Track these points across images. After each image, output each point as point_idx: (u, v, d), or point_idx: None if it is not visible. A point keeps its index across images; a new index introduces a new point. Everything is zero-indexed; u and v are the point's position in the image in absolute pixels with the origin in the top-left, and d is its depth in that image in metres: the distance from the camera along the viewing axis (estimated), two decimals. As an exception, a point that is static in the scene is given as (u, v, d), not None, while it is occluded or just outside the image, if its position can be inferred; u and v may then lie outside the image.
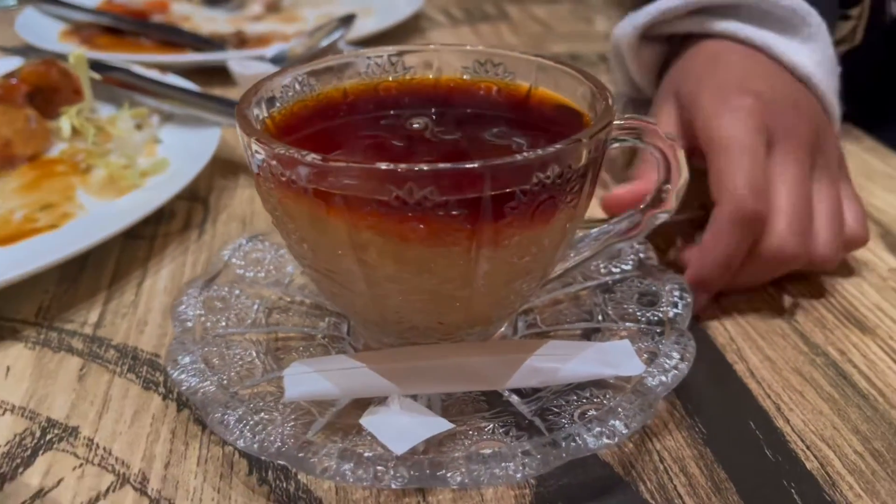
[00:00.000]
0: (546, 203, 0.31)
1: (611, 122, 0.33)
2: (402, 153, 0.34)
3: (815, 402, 0.37)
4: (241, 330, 0.39)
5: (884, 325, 0.42)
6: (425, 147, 0.35)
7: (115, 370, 0.40)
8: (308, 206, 0.31)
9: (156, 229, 0.52)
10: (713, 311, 0.43)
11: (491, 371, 0.35)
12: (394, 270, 0.31)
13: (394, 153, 0.34)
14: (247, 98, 0.35)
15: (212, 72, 0.77)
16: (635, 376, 0.35)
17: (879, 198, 0.55)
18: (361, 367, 0.34)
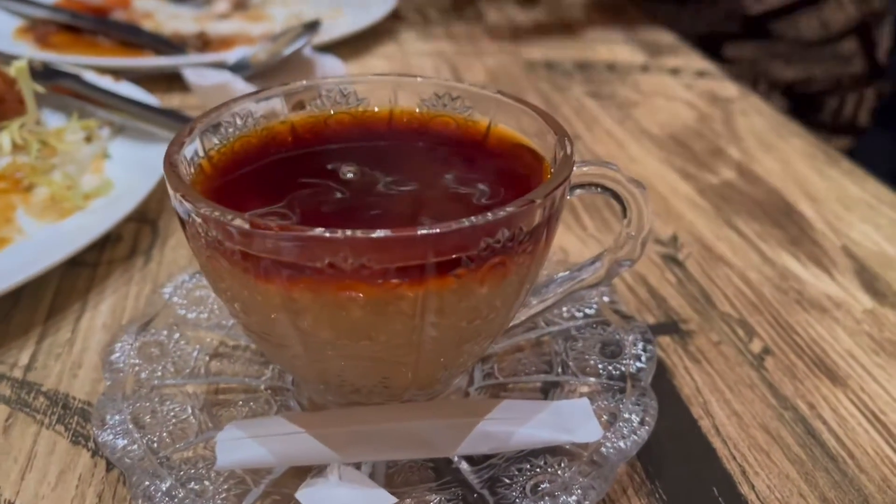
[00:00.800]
0: (497, 266, 0.29)
1: (569, 177, 0.31)
2: (342, 208, 0.32)
3: (782, 464, 0.35)
4: (177, 381, 0.37)
5: (855, 375, 0.41)
6: (369, 199, 0.32)
7: (44, 421, 0.37)
8: (238, 268, 0.28)
9: (100, 255, 0.50)
10: (680, 356, 0.41)
11: (440, 436, 0.32)
12: (332, 337, 0.29)
13: (334, 207, 0.32)
14: (178, 139, 0.33)
15: (172, 77, 0.74)
16: (593, 442, 0.33)
17: (856, 229, 0.53)
18: (300, 433, 0.32)
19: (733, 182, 0.59)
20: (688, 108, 0.72)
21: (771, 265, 0.49)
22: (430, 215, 0.31)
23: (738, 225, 0.54)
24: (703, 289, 0.47)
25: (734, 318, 0.45)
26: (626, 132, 0.67)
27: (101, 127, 0.60)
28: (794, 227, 0.53)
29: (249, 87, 0.65)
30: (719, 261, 0.50)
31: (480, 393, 0.37)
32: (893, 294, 0.47)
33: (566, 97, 0.74)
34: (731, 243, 0.52)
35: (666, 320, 0.44)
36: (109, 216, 0.49)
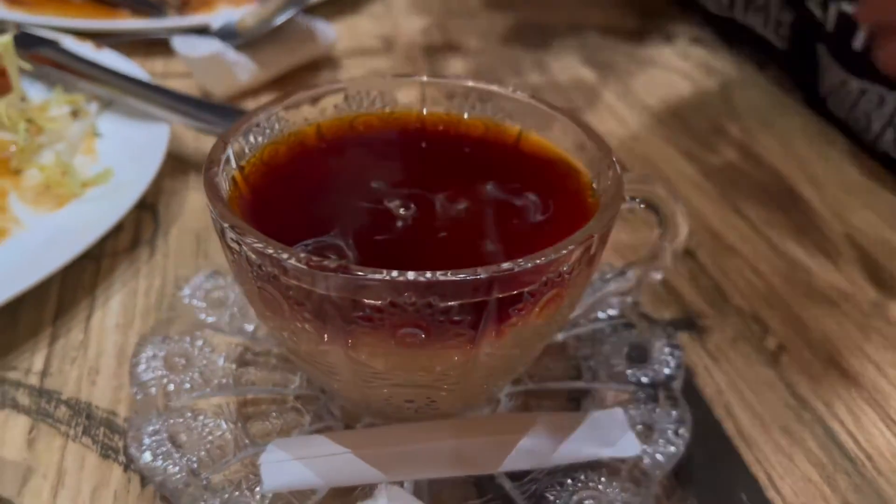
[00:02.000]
0: (553, 297, 0.29)
1: (620, 199, 0.31)
2: (395, 237, 0.31)
3: (804, 468, 0.37)
4: (207, 393, 0.36)
5: (867, 373, 0.42)
6: (419, 221, 0.31)
7: (69, 433, 0.37)
8: (291, 303, 0.28)
9: (101, 246, 0.48)
10: (700, 355, 0.42)
11: (482, 453, 0.33)
12: (386, 368, 0.29)
13: (386, 235, 0.31)
14: (215, 157, 0.31)
15: (152, 41, 0.70)
16: (631, 457, 0.33)
17: (858, 216, 0.54)
18: (345, 453, 0.32)
19: (736, 164, 0.59)
20: (685, 79, 0.72)
21: (779, 255, 0.50)
22: (487, 244, 0.30)
23: (745, 211, 0.54)
24: (715, 282, 0.48)
25: (748, 312, 0.45)
26: (627, 107, 0.67)
27: (87, 101, 0.57)
28: (798, 213, 0.54)
29: (241, 57, 0.63)
30: (729, 250, 0.50)
31: (511, 399, 0.38)
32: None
33: (562, 65, 0.73)
34: (740, 231, 0.52)
35: (682, 315, 0.45)
36: (111, 207, 0.47)
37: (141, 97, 0.54)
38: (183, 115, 0.53)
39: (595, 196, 0.33)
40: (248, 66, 0.63)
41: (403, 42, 0.77)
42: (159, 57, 0.70)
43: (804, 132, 0.64)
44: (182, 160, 0.56)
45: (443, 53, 0.75)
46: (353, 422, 0.36)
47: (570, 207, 0.33)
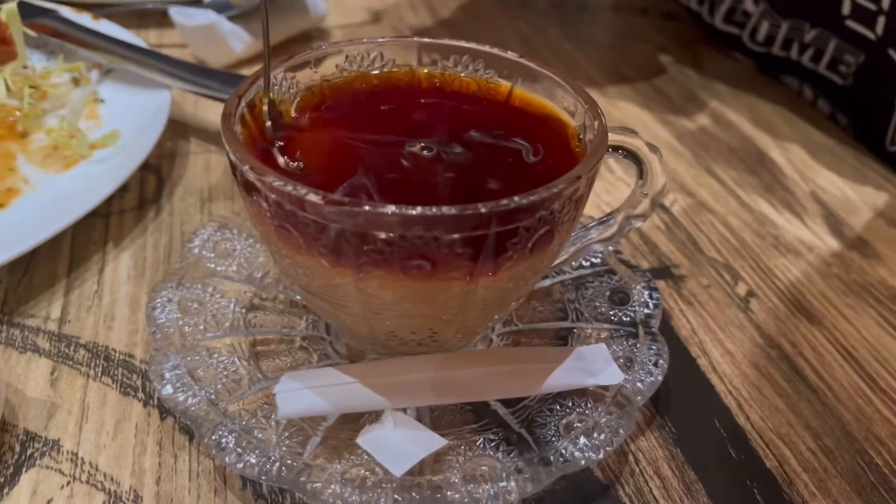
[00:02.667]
0: (545, 234, 0.31)
1: (605, 146, 0.34)
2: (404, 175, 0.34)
3: (772, 397, 0.40)
4: (219, 335, 0.39)
5: (829, 315, 0.45)
6: (426, 165, 0.34)
7: (89, 373, 0.39)
8: (307, 238, 0.30)
9: (108, 205, 0.50)
10: (676, 300, 0.45)
11: (478, 383, 0.36)
12: (394, 299, 0.32)
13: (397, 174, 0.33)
14: (230, 109, 0.34)
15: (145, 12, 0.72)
16: (615, 385, 0.36)
17: (823, 176, 0.58)
18: (353, 383, 0.35)
19: (708, 129, 0.63)
20: (660, 50, 0.75)
21: (749, 211, 0.53)
22: (486, 185, 0.33)
23: (717, 171, 0.57)
24: (690, 234, 0.51)
25: (720, 262, 0.49)
26: (604, 76, 0.70)
27: (89, 69, 0.59)
28: (767, 174, 0.57)
29: (235, 28, 0.65)
30: (702, 207, 0.54)
31: (502, 339, 0.41)
32: (857, 238, 0.52)
33: (544, 39, 0.76)
34: (712, 190, 0.55)
35: (659, 265, 0.48)
36: (118, 167, 0.49)
37: (142, 64, 0.56)
38: (184, 80, 0.55)
39: (581, 146, 0.36)
40: (242, 37, 0.65)
41: (390, 15, 0.79)
42: (153, 28, 0.72)
43: (773, 100, 0.67)
44: (182, 125, 0.58)
45: (428, 27, 0.77)
46: (358, 359, 0.39)
47: (559, 155, 0.35)
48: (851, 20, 0.57)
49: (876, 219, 0.53)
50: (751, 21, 0.66)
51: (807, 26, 0.62)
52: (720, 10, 0.69)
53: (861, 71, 0.60)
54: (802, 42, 0.63)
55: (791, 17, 0.63)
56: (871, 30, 0.56)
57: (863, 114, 0.61)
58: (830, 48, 0.60)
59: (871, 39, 0.57)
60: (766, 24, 0.65)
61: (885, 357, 0.43)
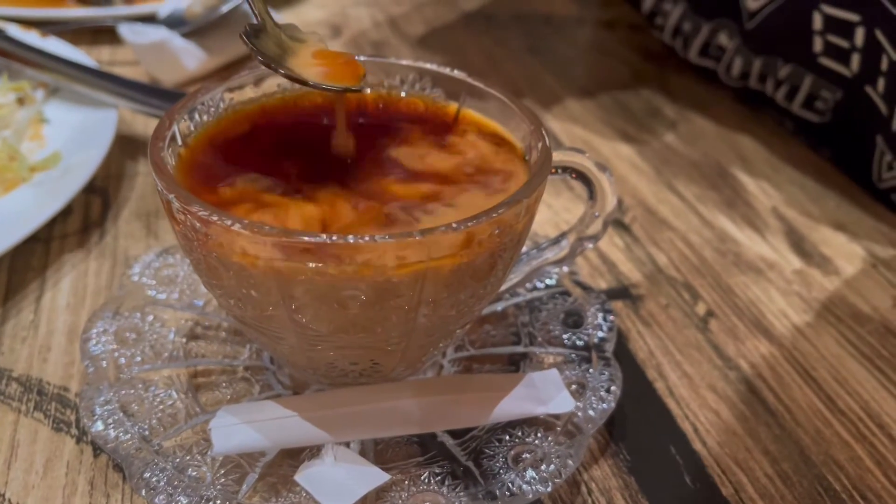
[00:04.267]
0: (486, 259, 0.30)
1: (548, 169, 0.33)
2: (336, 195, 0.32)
3: (729, 421, 0.39)
4: (157, 366, 0.37)
5: (788, 334, 0.45)
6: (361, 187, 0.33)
7: (21, 408, 0.37)
8: (236, 268, 0.29)
9: (51, 229, 0.49)
10: (633, 321, 0.44)
11: (424, 414, 0.34)
12: (330, 330, 0.30)
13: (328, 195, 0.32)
14: (160, 133, 0.32)
15: (98, 29, 0.71)
16: (566, 413, 0.35)
17: (785, 190, 0.57)
18: (292, 416, 0.33)
19: (670, 144, 0.62)
20: (623, 64, 0.74)
21: (710, 227, 0.53)
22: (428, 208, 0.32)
23: (678, 187, 0.57)
24: (649, 253, 0.50)
25: (679, 281, 0.48)
26: (567, 90, 0.69)
27: (33, 88, 0.58)
28: (728, 189, 0.57)
29: (188, 44, 0.63)
30: (662, 224, 0.53)
31: (454, 365, 0.39)
32: (818, 254, 0.51)
33: (507, 52, 0.75)
34: (672, 206, 0.55)
35: (617, 285, 0.47)
36: (60, 190, 0.47)
37: (88, 84, 0.55)
38: (130, 100, 0.53)
39: (528, 167, 0.35)
40: (195, 54, 0.63)
41: (350, 30, 0.78)
42: (106, 45, 0.70)
43: (736, 114, 0.66)
44: (131, 144, 0.57)
45: (389, 42, 0.76)
46: (301, 390, 0.37)
47: (504, 178, 0.34)
48: (825, 57, 0.56)
49: (836, 234, 0.53)
50: (725, 56, 0.65)
51: (780, 62, 0.61)
52: (693, 45, 0.68)
53: (839, 107, 0.58)
54: (777, 78, 0.62)
55: (764, 53, 0.63)
56: (845, 66, 0.55)
57: (845, 149, 0.60)
58: (806, 84, 0.59)
59: (847, 76, 0.56)
60: (740, 60, 0.64)
61: (844, 377, 0.42)
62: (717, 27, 0.65)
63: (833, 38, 0.55)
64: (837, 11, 0.53)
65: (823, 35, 0.55)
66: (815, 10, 0.54)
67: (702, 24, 0.66)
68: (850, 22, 0.53)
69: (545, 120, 0.64)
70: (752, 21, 0.60)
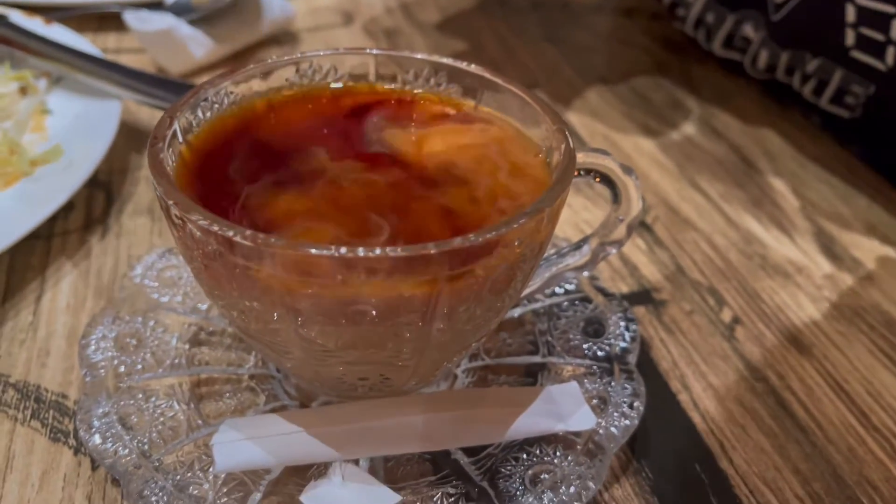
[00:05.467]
0: (505, 273, 0.28)
1: (572, 173, 0.31)
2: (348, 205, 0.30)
3: (757, 437, 0.37)
4: (159, 374, 0.36)
5: (819, 343, 0.42)
6: (372, 195, 0.31)
7: (17, 416, 0.36)
8: (238, 279, 0.27)
9: (52, 226, 0.47)
10: (656, 328, 0.43)
11: (437, 430, 0.33)
12: (338, 346, 0.29)
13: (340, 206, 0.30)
14: (160, 133, 0.31)
15: (103, 14, 0.69)
16: (586, 430, 0.34)
17: (813, 189, 0.55)
18: (298, 432, 0.32)
19: (694, 138, 0.60)
20: (644, 53, 0.72)
21: (735, 228, 0.51)
22: (439, 218, 0.30)
23: (702, 185, 0.54)
24: (672, 255, 0.48)
25: (704, 286, 0.46)
26: (586, 81, 0.67)
27: (36, 77, 0.56)
28: (754, 187, 0.55)
29: (195, 32, 0.61)
30: (686, 224, 0.51)
31: (468, 375, 0.38)
32: (849, 258, 0.49)
33: (524, 41, 0.73)
34: (696, 205, 0.52)
35: (639, 289, 0.45)
36: (62, 185, 0.46)
37: (91, 73, 0.53)
38: (134, 91, 0.52)
39: (550, 169, 0.33)
40: (203, 42, 0.61)
41: (363, 16, 0.76)
42: (112, 32, 0.68)
43: (761, 107, 0.64)
44: (136, 137, 0.55)
45: (402, 30, 0.74)
46: (309, 401, 0.36)
47: (526, 181, 0.33)
48: (857, 51, 0.53)
49: (869, 236, 0.51)
50: (751, 48, 0.63)
51: (808, 56, 0.59)
52: (717, 36, 0.65)
53: (871, 102, 0.56)
54: (804, 72, 0.59)
55: (791, 47, 0.60)
56: (880, 60, 0.52)
57: (877, 146, 0.57)
58: (836, 78, 0.56)
59: (882, 70, 0.53)
60: (766, 52, 0.61)
61: (878, 390, 0.40)
62: (742, 18, 0.63)
63: (867, 31, 0.52)
64: (872, 3, 0.51)
65: (856, 27, 0.52)
66: (848, 1, 0.52)
67: (726, 14, 0.64)
68: (886, 14, 0.50)
69: (563, 114, 0.62)
70: (778, 13, 0.57)
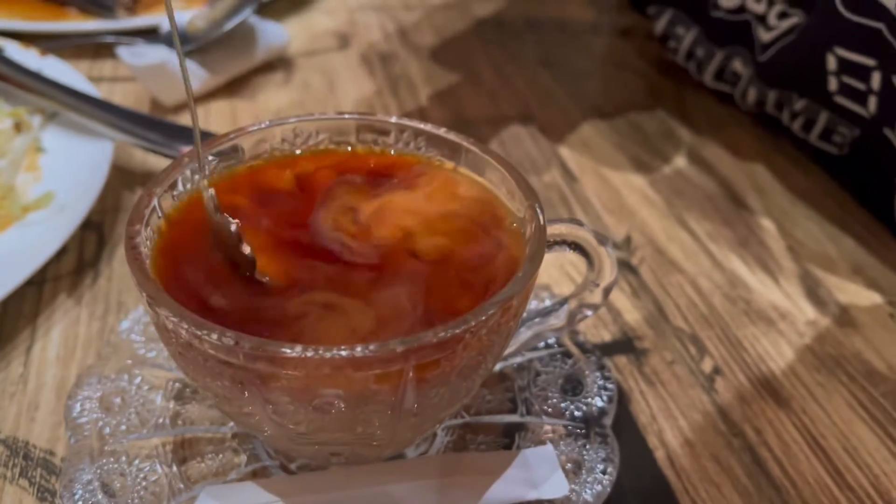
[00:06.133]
0: (475, 356, 0.29)
1: (542, 255, 0.31)
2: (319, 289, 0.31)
3: (731, 497, 0.38)
4: (143, 435, 0.37)
5: (798, 395, 0.43)
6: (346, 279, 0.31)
7: (6, 475, 0.37)
8: (209, 370, 0.28)
9: (44, 271, 0.48)
10: (636, 379, 0.43)
11: (414, 498, 0.33)
12: (309, 430, 0.29)
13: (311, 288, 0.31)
14: (138, 212, 0.31)
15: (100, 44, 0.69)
16: (559, 498, 0.34)
17: (801, 227, 0.55)
18: (276, 502, 0.32)
19: (684, 171, 0.60)
20: (639, 78, 0.72)
21: (721, 270, 0.51)
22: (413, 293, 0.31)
23: (690, 223, 0.55)
24: (656, 299, 0.48)
25: (686, 333, 0.46)
26: (580, 109, 0.67)
27: (31, 114, 0.56)
28: (742, 225, 0.55)
29: (190, 64, 0.62)
30: (671, 266, 0.51)
31: (447, 434, 0.38)
32: (834, 302, 0.49)
33: (519, 66, 0.73)
34: (683, 245, 0.53)
35: (621, 337, 0.46)
36: (54, 230, 0.46)
37: (85, 113, 0.54)
38: (126, 132, 0.52)
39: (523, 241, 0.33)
40: (196, 73, 0.62)
41: (359, 40, 0.76)
42: (108, 59, 0.69)
43: (754, 136, 0.64)
44: (129, 175, 0.56)
45: (398, 55, 0.74)
46: (289, 461, 0.36)
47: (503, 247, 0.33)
48: (840, 96, 0.53)
49: (854, 279, 0.51)
50: (740, 83, 0.63)
51: (795, 96, 0.59)
52: (708, 70, 0.65)
53: (857, 144, 0.56)
54: (793, 111, 0.59)
55: (778, 87, 0.60)
56: (862, 107, 0.52)
57: (865, 183, 0.57)
58: (822, 119, 0.56)
59: (865, 117, 0.53)
60: (755, 90, 0.61)
61: (855, 446, 0.40)
62: (731, 54, 0.63)
63: (848, 80, 0.52)
64: (852, 55, 0.50)
65: (838, 76, 0.52)
66: (829, 52, 0.52)
67: (715, 50, 0.64)
68: (865, 66, 0.50)
69: (555, 146, 0.62)
70: (764, 54, 0.57)
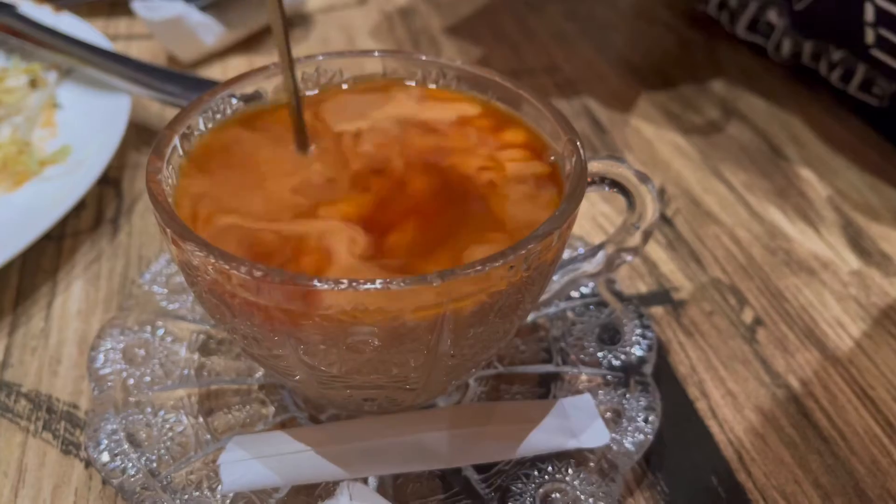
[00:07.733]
0: (513, 298, 0.28)
1: (583, 190, 0.29)
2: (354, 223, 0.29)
3: (777, 448, 0.36)
4: (168, 387, 0.35)
5: (843, 346, 0.41)
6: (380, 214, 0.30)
7: (29, 428, 0.36)
8: (238, 309, 0.27)
9: (63, 226, 0.47)
10: (675, 331, 0.41)
11: (447, 447, 0.32)
12: (342, 372, 0.28)
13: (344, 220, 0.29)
14: (159, 150, 0.30)
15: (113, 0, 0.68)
16: (600, 447, 0.33)
17: (842, 177, 0.53)
18: (306, 451, 0.31)
19: (718, 123, 0.58)
20: (668, 30, 0.69)
21: (759, 221, 0.49)
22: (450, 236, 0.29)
23: (725, 174, 0.53)
24: (693, 250, 0.47)
25: (725, 284, 0.44)
26: (606, 63, 0.64)
27: (46, 70, 0.55)
28: (780, 176, 0.53)
29: (205, 18, 0.60)
30: (707, 217, 0.49)
31: (480, 384, 0.37)
32: (878, 252, 0.47)
33: (542, 19, 0.71)
34: (719, 196, 0.51)
35: (658, 289, 0.44)
36: (72, 184, 0.45)
37: (101, 67, 0.52)
38: (144, 86, 0.51)
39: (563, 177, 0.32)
40: (213, 29, 0.60)
41: (378, -5, 0.74)
42: (123, 17, 0.67)
43: (789, 88, 0.62)
44: (147, 130, 0.55)
45: (417, 9, 0.72)
46: (318, 412, 0.35)
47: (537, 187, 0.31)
48: (877, 49, 0.51)
49: (899, 228, 0.49)
50: (774, 34, 0.60)
51: (832, 47, 0.56)
52: (741, 20, 0.63)
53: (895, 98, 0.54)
54: (830, 61, 0.57)
55: (814, 38, 0.58)
56: None
57: None
58: (861, 71, 0.54)
59: None
60: (789, 41, 0.59)
61: (906, 397, 0.39)
62: (766, 3, 0.60)
63: (885, 33, 0.50)
64: (889, 6, 0.48)
65: (875, 27, 0.50)
66: (867, 0, 0.49)
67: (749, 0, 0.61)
68: None
69: (583, 98, 0.60)
70: (801, 2, 0.55)
